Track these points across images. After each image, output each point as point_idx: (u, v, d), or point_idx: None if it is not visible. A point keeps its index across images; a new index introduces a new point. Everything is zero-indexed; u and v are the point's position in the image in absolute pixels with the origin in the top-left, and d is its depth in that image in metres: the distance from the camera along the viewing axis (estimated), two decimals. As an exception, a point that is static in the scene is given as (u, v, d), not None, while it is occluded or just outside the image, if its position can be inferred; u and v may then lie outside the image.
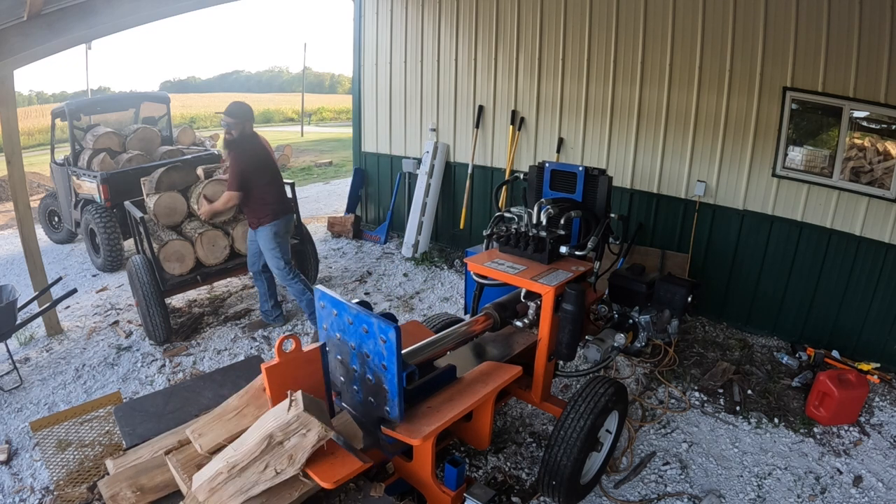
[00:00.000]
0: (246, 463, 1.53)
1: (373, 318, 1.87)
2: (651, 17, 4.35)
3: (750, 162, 4.12)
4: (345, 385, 2.18)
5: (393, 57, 6.31)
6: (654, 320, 3.16)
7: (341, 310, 2.01)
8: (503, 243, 2.91)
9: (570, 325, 2.51)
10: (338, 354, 2.13)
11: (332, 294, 2.07)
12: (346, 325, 2.01)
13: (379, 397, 1.98)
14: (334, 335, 2.10)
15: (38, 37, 3.26)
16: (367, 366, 1.98)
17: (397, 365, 1.84)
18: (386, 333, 1.83)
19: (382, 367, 1.90)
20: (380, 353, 1.88)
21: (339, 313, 2.04)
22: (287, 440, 1.54)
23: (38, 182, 10.50)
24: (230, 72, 58.00)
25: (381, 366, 1.90)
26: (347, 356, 2.08)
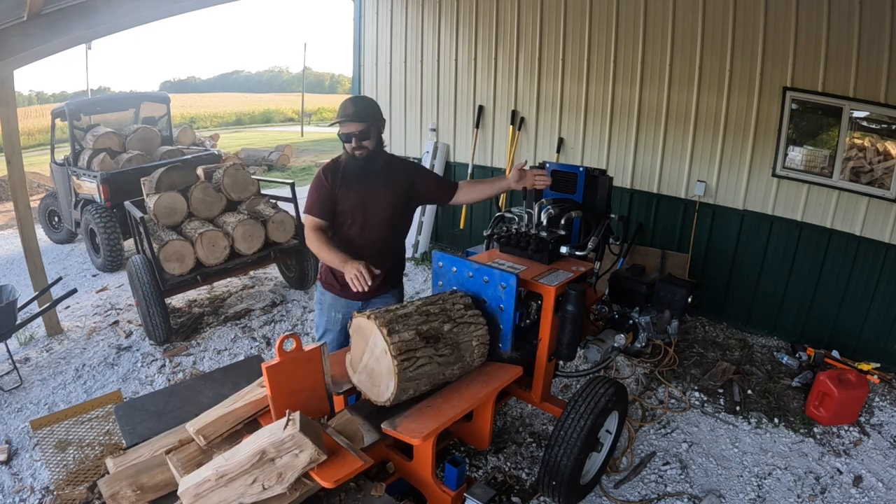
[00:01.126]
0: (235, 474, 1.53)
1: (495, 270, 2.32)
2: (651, 17, 4.35)
3: (750, 162, 4.12)
4: None
5: (393, 57, 6.31)
6: (655, 321, 3.16)
7: (461, 266, 2.45)
8: (503, 243, 2.91)
9: (570, 325, 2.51)
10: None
11: (450, 254, 2.55)
12: (466, 278, 2.43)
13: (492, 336, 2.35)
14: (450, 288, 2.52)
15: (38, 37, 3.26)
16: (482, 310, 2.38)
17: (514, 306, 2.26)
18: (507, 280, 2.26)
19: (500, 308, 2.32)
20: (499, 297, 2.31)
21: (458, 270, 2.47)
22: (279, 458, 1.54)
23: (38, 182, 10.50)
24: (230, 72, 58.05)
25: (498, 308, 2.33)
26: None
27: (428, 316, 2.06)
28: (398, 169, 2.59)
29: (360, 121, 2.41)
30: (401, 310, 2.02)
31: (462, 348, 2.13)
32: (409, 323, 1.96)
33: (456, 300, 2.24)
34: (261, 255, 4.65)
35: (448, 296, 2.26)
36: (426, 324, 2.02)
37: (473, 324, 2.20)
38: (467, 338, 2.16)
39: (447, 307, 2.17)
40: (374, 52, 6.49)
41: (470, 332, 2.17)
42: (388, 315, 1.95)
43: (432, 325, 2.03)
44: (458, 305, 2.22)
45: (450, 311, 2.16)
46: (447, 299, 2.22)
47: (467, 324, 2.18)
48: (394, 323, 1.92)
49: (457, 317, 2.16)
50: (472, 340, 2.17)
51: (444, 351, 2.03)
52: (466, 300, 2.29)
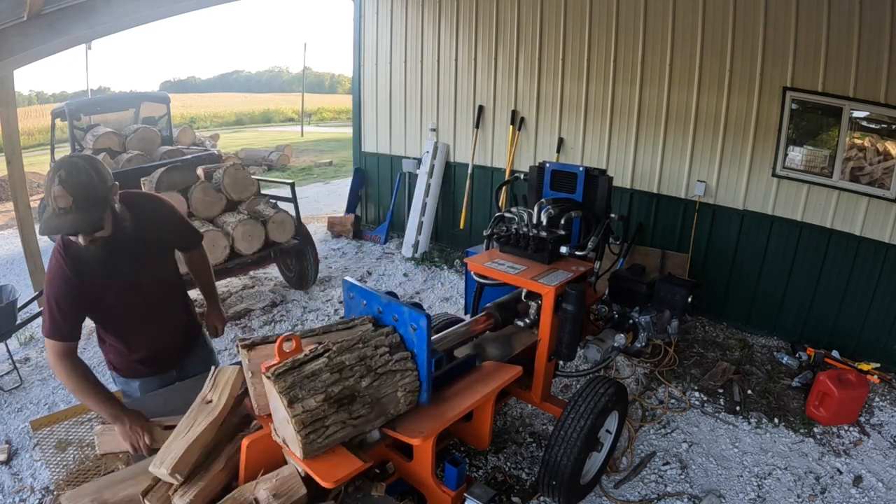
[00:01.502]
0: None
1: (404, 307, 1.94)
2: (651, 17, 4.35)
3: (750, 162, 4.12)
4: None
5: (393, 57, 6.31)
6: (655, 320, 3.16)
7: (371, 300, 2.08)
8: (503, 243, 2.91)
9: (570, 325, 2.51)
10: None
11: (361, 285, 2.14)
12: (377, 314, 2.08)
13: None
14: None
15: (38, 37, 3.26)
16: None
17: (427, 352, 1.91)
18: (417, 321, 1.90)
19: (411, 353, 1.96)
20: (410, 340, 1.95)
21: (368, 303, 2.10)
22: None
23: (38, 182, 10.48)
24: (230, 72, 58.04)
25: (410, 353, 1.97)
26: None
27: (342, 371, 1.68)
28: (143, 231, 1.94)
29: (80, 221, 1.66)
30: (309, 364, 1.64)
31: (384, 402, 1.77)
32: (316, 385, 1.60)
33: (380, 341, 1.85)
34: (261, 255, 4.65)
35: (372, 335, 1.87)
36: (339, 383, 1.65)
37: (399, 371, 1.82)
38: (391, 389, 1.79)
39: (367, 353, 1.77)
40: (374, 52, 6.49)
41: (395, 382, 1.80)
42: (292, 376, 1.58)
43: (346, 383, 1.66)
44: (381, 349, 1.82)
45: (370, 358, 1.77)
46: (370, 340, 1.83)
47: (392, 372, 1.80)
48: (297, 388, 1.56)
49: (378, 366, 1.77)
50: (396, 391, 1.81)
51: (360, 412, 1.68)
52: (394, 338, 1.90)
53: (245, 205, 4.75)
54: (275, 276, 5.60)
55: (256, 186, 4.94)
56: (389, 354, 1.83)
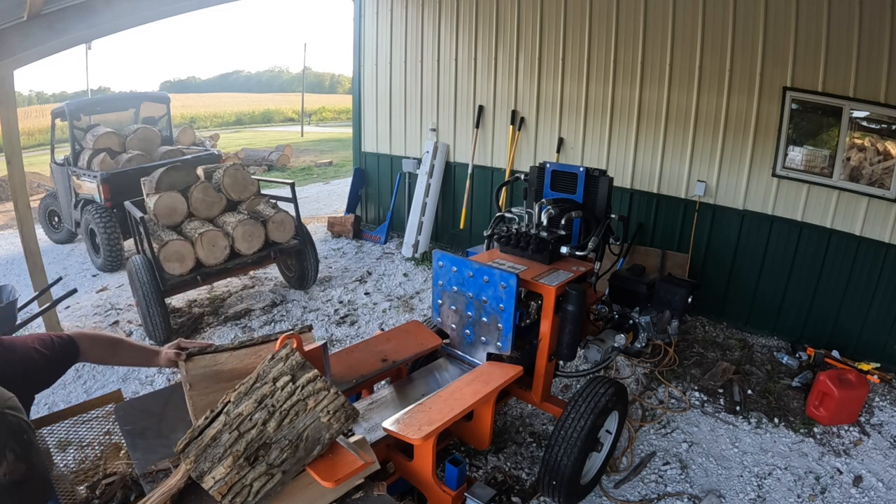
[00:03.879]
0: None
1: (495, 270, 2.33)
2: (651, 17, 4.35)
3: (750, 162, 4.12)
4: (456, 330, 2.73)
5: (393, 57, 6.31)
6: (655, 321, 3.16)
7: (462, 266, 2.48)
8: (504, 243, 2.91)
9: (570, 325, 2.51)
10: (452, 305, 2.67)
11: (451, 254, 2.59)
12: (466, 278, 2.47)
13: (492, 335, 2.43)
14: (451, 288, 2.62)
15: (38, 37, 3.26)
16: (483, 310, 2.47)
17: (514, 305, 2.29)
18: (507, 280, 2.28)
19: (500, 308, 2.35)
20: (499, 297, 2.34)
21: (458, 269, 2.51)
22: None
23: (38, 182, 10.49)
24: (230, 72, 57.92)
25: (498, 308, 2.36)
26: (463, 305, 2.60)
27: (240, 426, 1.49)
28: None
29: None
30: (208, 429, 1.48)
31: (309, 435, 1.54)
32: (218, 452, 1.45)
33: (280, 370, 1.57)
34: (261, 255, 4.65)
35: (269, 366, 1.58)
36: (241, 440, 1.47)
37: (311, 396, 1.56)
38: (309, 419, 1.54)
39: (266, 392, 1.54)
40: (374, 52, 6.49)
41: (310, 410, 1.54)
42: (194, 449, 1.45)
43: (249, 436, 1.48)
44: (283, 380, 1.56)
45: (271, 396, 1.54)
46: (267, 375, 1.57)
47: (301, 402, 1.55)
48: (202, 461, 1.44)
49: (282, 403, 1.53)
50: (318, 419, 1.55)
51: (282, 457, 1.49)
52: (294, 361, 1.59)
53: (245, 205, 4.75)
54: (275, 276, 5.60)
55: (256, 186, 4.94)
56: (292, 383, 1.56)
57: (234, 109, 30.52)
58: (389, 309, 4.87)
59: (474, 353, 2.67)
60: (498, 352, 2.48)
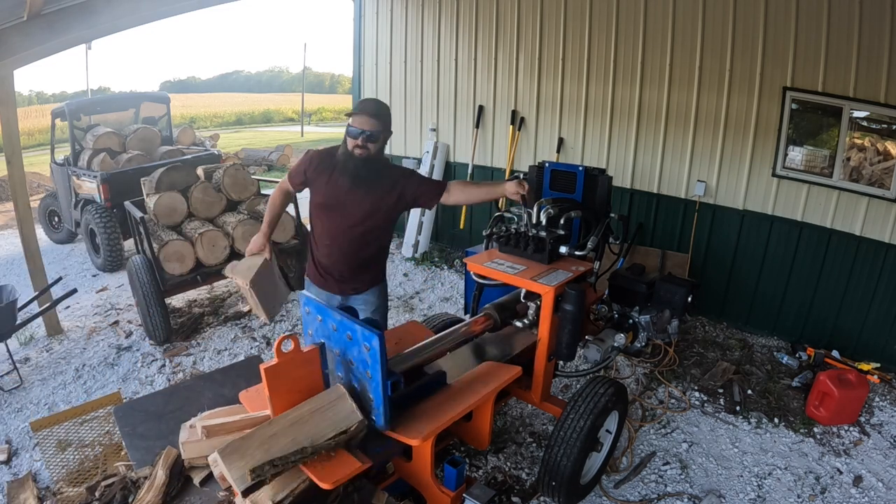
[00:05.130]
0: None
1: (356, 325, 1.78)
2: (651, 17, 4.35)
3: (750, 162, 4.12)
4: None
5: (393, 57, 6.31)
6: (654, 320, 3.16)
7: (325, 316, 1.93)
8: (503, 243, 2.91)
9: (570, 325, 2.51)
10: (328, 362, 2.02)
11: (317, 299, 2.02)
12: (331, 331, 1.92)
13: (365, 405, 1.87)
14: (319, 342, 1.99)
15: (38, 37, 3.26)
16: (352, 373, 1.90)
17: (381, 373, 1.75)
18: (370, 341, 1.74)
19: (367, 375, 1.81)
20: (364, 360, 1.80)
21: (323, 319, 1.95)
22: None
23: (38, 182, 10.49)
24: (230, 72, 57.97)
25: (365, 374, 1.82)
26: (333, 363, 2.00)
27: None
28: (386, 177, 2.47)
29: (377, 119, 2.32)
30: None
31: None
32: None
33: None
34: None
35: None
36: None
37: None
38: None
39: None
40: (374, 52, 6.49)
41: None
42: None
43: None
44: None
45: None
46: None
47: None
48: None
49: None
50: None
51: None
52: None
53: (245, 205, 4.75)
54: (275, 276, 5.60)
55: (256, 186, 4.93)
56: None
57: (234, 109, 30.52)
58: (389, 309, 4.87)
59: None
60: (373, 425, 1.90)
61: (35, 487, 2.59)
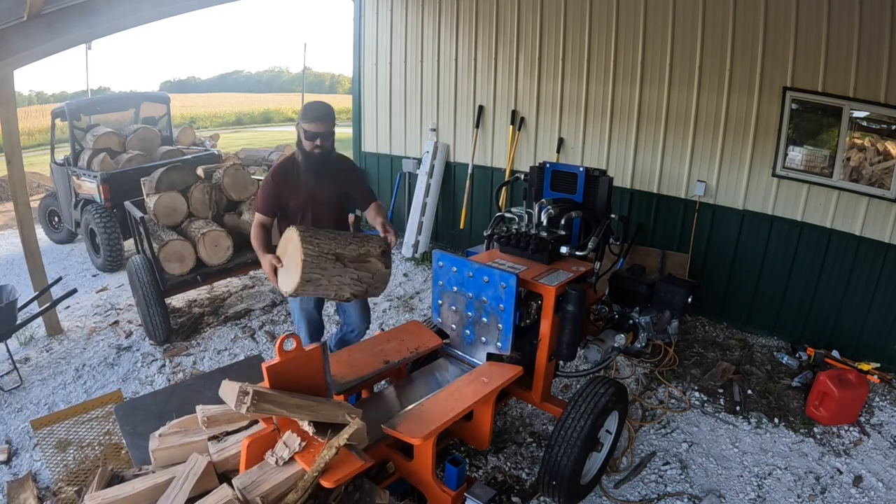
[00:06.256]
0: None
1: (495, 270, 2.33)
2: (651, 17, 4.35)
3: (750, 162, 4.12)
4: (456, 330, 2.72)
5: (393, 57, 6.31)
6: (655, 321, 3.16)
7: (461, 266, 2.48)
8: (504, 243, 2.91)
9: (570, 325, 2.51)
10: (452, 305, 2.68)
11: (450, 254, 2.61)
12: (466, 278, 2.47)
13: (492, 335, 2.43)
14: (451, 288, 2.62)
15: (38, 37, 3.26)
16: (483, 310, 2.48)
17: (514, 306, 2.28)
18: (507, 280, 2.28)
19: (500, 308, 2.34)
20: (499, 297, 2.34)
21: (458, 270, 2.52)
22: None
23: (38, 182, 10.49)
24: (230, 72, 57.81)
25: (498, 308, 2.35)
26: (463, 305, 2.60)
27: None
28: (343, 169, 2.89)
29: (328, 121, 2.70)
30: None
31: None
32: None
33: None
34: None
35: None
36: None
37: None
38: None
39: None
40: (374, 52, 6.49)
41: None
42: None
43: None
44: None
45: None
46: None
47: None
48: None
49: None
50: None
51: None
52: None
53: (244, 205, 4.75)
54: (275, 276, 5.59)
55: (256, 186, 4.94)
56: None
57: (234, 109, 30.50)
58: (389, 309, 4.87)
59: (474, 354, 2.67)
60: (498, 352, 2.48)
61: (35, 487, 2.59)
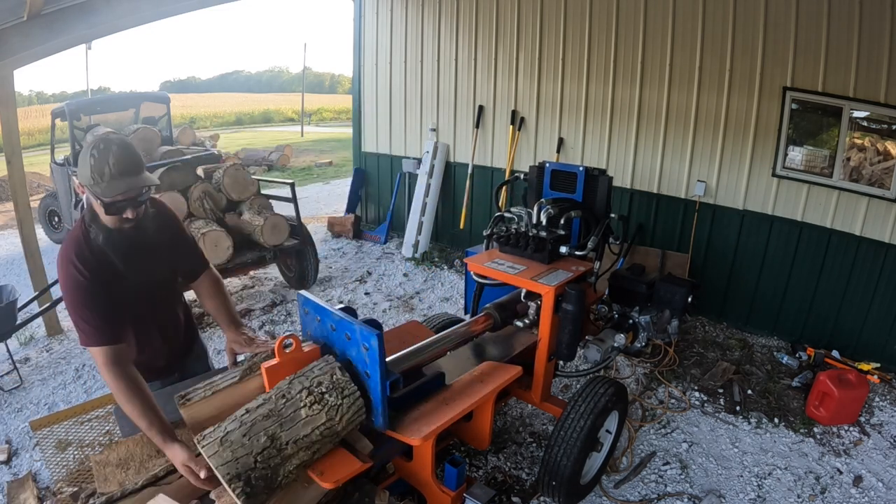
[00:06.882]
0: None
1: (355, 325, 1.77)
2: (651, 17, 4.35)
3: (750, 162, 4.12)
4: None
5: (393, 57, 6.31)
6: (655, 320, 3.16)
7: (324, 316, 1.90)
8: (503, 243, 2.91)
9: (570, 325, 2.51)
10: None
11: (315, 299, 1.96)
12: (329, 331, 1.90)
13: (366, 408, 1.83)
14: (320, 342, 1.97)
15: (38, 37, 3.26)
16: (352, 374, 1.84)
17: (380, 373, 1.75)
18: (368, 340, 1.73)
19: (366, 374, 1.80)
20: (363, 360, 1.78)
21: (322, 319, 1.93)
22: None
23: (38, 182, 10.49)
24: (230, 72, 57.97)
25: (364, 373, 1.80)
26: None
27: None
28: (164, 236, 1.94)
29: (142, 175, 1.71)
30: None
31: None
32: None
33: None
34: (261, 255, 4.64)
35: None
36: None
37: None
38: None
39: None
40: (374, 52, 6.49)
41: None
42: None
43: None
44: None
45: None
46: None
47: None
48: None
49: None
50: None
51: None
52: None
53: (244, 204, 4.75)
54: (275, 276, 5.60)
55: (256, 186, 4.93)
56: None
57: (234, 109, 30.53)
58: (389, 309, 4.87)
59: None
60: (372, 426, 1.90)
61: (35, 487, 2.59)
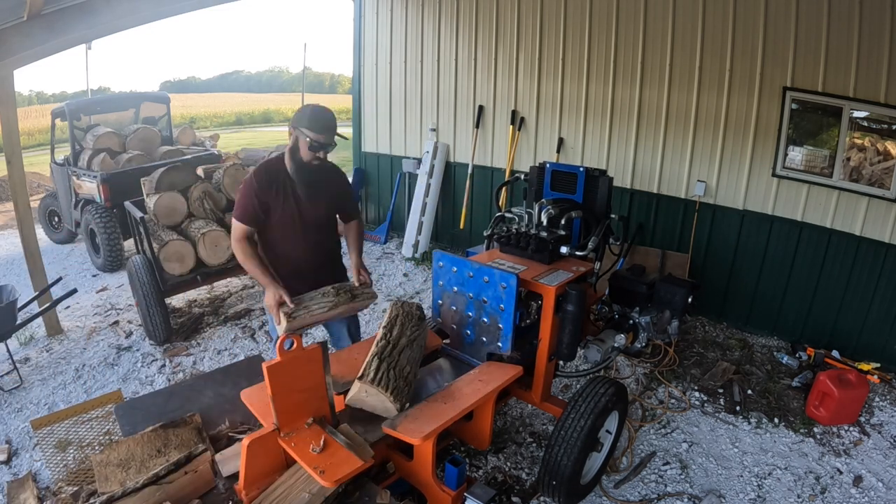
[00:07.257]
0: None
1: (495, 270, 2.34)
2: (651, 17, 4.35)
3: (750, 162, 4.12)
4: (456, 330, 2.71)
5: (393, 57, 6.31)
6: (655, 321, 3.16)
7: (462, 266, 2.49)
8: (504, 243, 2.91)
9: (570, 325, 2.51)
10: (452, 305, 2.68)
11: (450, 254, 2.61)
12: (466, 278, 2.48)
13: (492, 335, 2.45)
14: (451, 289, 2.63)
15: (38, 37, 3.26)
16: (483, 310, 2.49)
17: (515, 305, 2.29)
18: (507, 280, 2.29)
19: (500, 308, 2.36)
20: (499, 297, 2.35)
21: (458, 270, 2.52)
22: None
23: (38, 182, 10.48)
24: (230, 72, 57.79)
25: (499, 308, 2.37)
26: (463, 305, 2.60)
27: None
28: (335, 181, 2.63)
29: (334, 133, 2.42)
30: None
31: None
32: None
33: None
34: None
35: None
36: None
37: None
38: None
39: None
40: (374, 52, 6.49)
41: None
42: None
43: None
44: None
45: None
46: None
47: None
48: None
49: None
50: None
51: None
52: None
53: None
54: (275, 276, 5.59)
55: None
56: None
57: (234, 109, 30.50)
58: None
59: (474, 354, 2.66)
60: (498, 352, 2.48)
61: (35, 487, 2.59)
